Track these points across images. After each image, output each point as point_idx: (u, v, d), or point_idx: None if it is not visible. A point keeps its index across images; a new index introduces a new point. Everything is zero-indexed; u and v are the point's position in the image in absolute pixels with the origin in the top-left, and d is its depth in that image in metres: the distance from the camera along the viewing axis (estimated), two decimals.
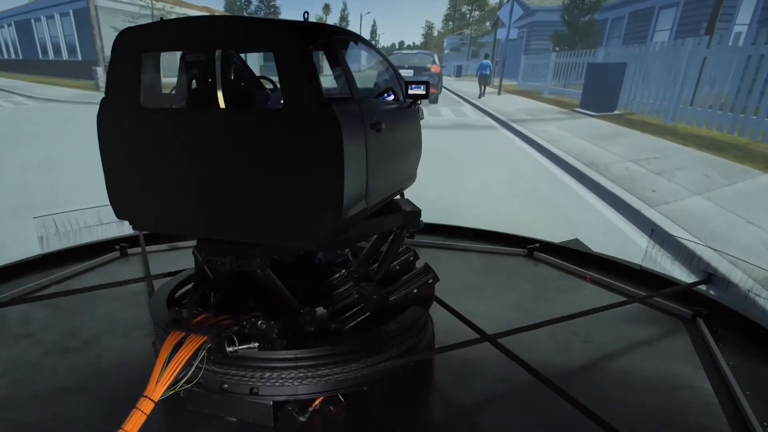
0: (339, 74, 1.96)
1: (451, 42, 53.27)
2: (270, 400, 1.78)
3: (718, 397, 1.99)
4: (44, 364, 2.19)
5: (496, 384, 2.06)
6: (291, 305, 1.91)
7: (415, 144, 2.47)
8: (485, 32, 46.22)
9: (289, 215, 1.68)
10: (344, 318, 2.00)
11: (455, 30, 55.70)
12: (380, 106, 2.17)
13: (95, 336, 2.43)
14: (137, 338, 2.40)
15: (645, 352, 2.37)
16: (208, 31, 1.76)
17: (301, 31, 1.67)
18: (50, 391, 2.00)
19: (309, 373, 1.80)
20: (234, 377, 1.79)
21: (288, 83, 1.64)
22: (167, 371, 1.57)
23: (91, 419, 1.85)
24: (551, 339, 2.39)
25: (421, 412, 1.95)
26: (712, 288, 2.99)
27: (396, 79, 2.36)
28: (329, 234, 1.68)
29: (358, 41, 2.23)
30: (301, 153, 1.61)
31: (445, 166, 9.37)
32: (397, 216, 2.18)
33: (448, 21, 57.87)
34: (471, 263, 3.48)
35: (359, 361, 1.86)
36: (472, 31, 49.68)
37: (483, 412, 1.92)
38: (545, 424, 1.85)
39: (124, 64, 1.77)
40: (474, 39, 48.01)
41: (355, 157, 1.68)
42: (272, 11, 33.72)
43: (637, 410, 1.92)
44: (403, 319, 2.05)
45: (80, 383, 2.05)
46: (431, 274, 2.19)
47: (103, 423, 1.81)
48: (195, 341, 1.64)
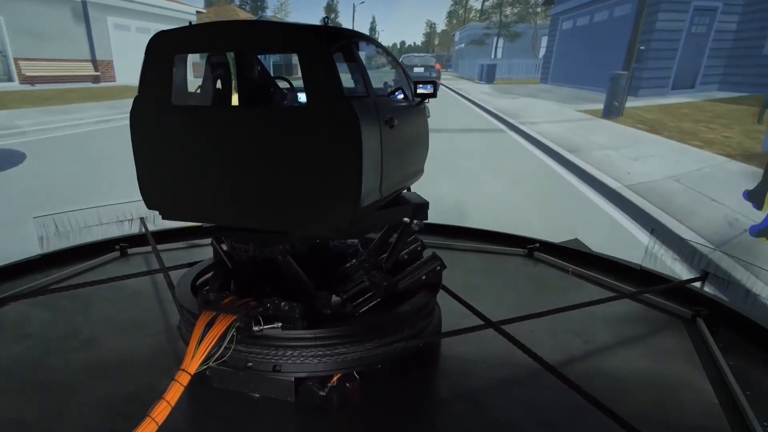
0: (356, 74, 2.12)
1: (469, 33, 36.79)
2: (292, 377, 1.91)
3: (718, 397, 1.99)
4: (44, 364, 2.19)
5: (499, 369, 2.16)
6: (308, 290, 2.05)
7: (423, 140, 2.59)
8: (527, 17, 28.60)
9: (312, 205, 1.82)
10: (356, 304, 2.15)
11: (465, 21, 49.75)
12: (392, 103, 2.30)
13: (95, 336, 2.43)
14: (137, 338, 2.40)
15: (645, 352, 2.37)
16: (236, 34, 1.90)
17: (323, 35, 1.81)
18: (50, 391, 2.00)
19: (328, 351, 1.93)
20: (258, 355, 1.92)
21: (312, 82, 1.77)
22: (201, 347, 1.71)
23: (91, 419, 1.85)
24: (551, 339, 2.39)
25: (427, 391, 2.11)
26: (709, 285, 3.00)
27: (405, 79, 2.46)
28: (348, 222, 1.81)
29: (371, 44, 2.41)
30: (323, 146, 1.74)
31: None
32: (406, 207, 2.31)
33: (453, 17, 53.49)
34: (471, 263, 3.48)
35: (373, 341, 1.99)
36: (510, 12, 29.99)
37: (486, 394, 2.04)
38: (545, 405, 1.93)
39: (156, 65, 1.89)
40: (507, 26, 29.83)
41: (371, 151, 1.80)
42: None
43: (637, 410, 1.92)
44: (413, 302, 2.18)
45: (80, 383, 2.06)
46: (438, 261, 2.31)
47: (103, 422, 1.82)
48: (225, 320, 1.78)
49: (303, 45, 1.78)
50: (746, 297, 2.83)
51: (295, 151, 1.76)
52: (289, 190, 1.80)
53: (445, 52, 45.23)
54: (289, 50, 1.96)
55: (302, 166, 1.76)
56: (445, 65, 40.48)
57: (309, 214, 1.83)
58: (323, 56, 1.74)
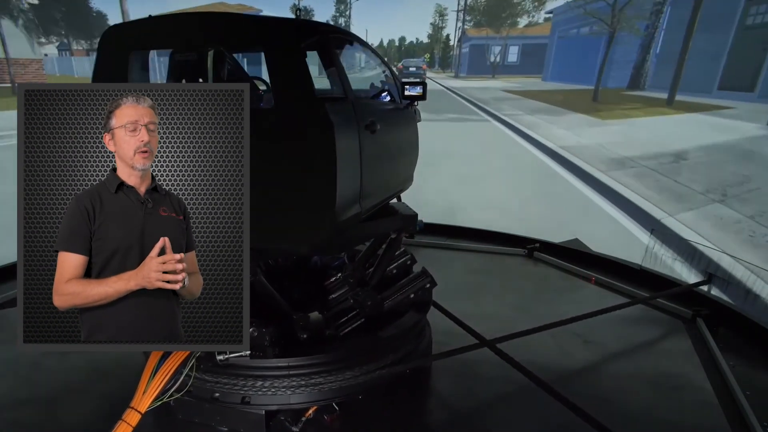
0: (333, 74, 1.94)
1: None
2: (262, 410, 1.74)
3: (718, 397, 1.98)
4: (44, 364, 2.19)
5: (496, 387, 2.04)
6: (284, 311, 1.87)
7: (411, 146, 2.43)
8: None
9: (282, 218, 1.64)
10: (339, 324, 1.97)
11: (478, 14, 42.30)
12: (376, 106, 2.13)
13: None
14: None
15: (645, 352, 2.37)
16: (197, 29, 1.72)
17: (293, 29, 1.64)
18: (50, 391, 2.00)
19: (302, 382, 1.76)
20: (225, 386, 1.76)
21: (279, 82, 1.61)
22: (154, 381, 1.52)
23: (90, 419, 1.85)
24: (552, 339, 2.38)
25: (418, 418, 1.92)
26: (714, 288, 2.99)
27: (393, 81, 2.32)
28: (323, 237, 1.65)
29: (354, 41, 2.19)
30: (293, 153, 1.58)
31: None
32: (393, 219, 2.13)
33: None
34: (471, 263, 3.48)
35: (354, 369, 1.82)
36: None
37: (483, 417, 1.90)
38: (545, 426, 1.85)
39: (109, 63, 1.72)
40: None
41: (348, 158, 1.65)
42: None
43: (638, 410, 1.92)
44: (399, 324, 2.01)
45: (80, 383, 2.05)
46: (429, 278, 2.14)
47: (102, 423, 1.82)
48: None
49: (270, 40, 1.61)
50: (746, 297, 2.83)
51: (264, 160, 1.51)
52: (257, 203, 1.55)
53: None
54: (256, 45, 1.76)
55: (272, 177, 1.56)
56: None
57: (280, 229, 1.65)
58: (293, 52, 1.57)
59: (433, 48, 59.27)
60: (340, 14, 48.79)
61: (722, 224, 6.33)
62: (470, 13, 43.89)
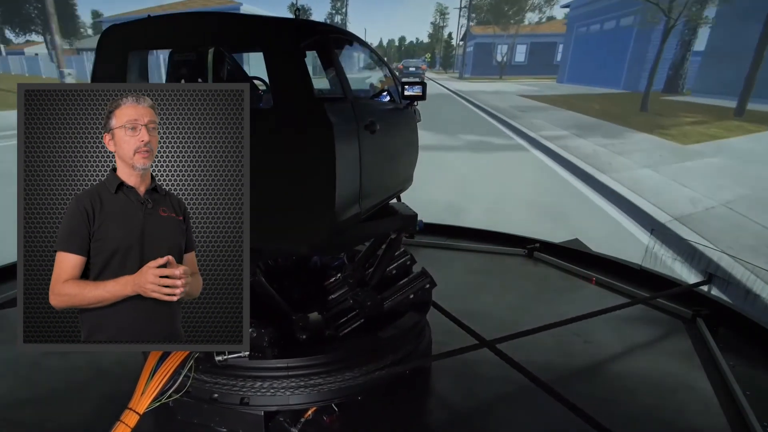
0: (332, 74, 1.94)
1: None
2: (261, 411, 1.75)
3: (718, 397, 1.98)
4: (44, 364, 2.19)
5: (496, 387, 2.04)
6: (283, 311, 1.88)
7: (411, 146, 2.43)
8: None
9: (282, 218, 1.64)
10: (338, 324, 1.97)
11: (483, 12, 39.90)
12: (375, 106, 2.13)
13: None
14: None
15: (645, 352, 2.37)
16: (196, 29, 1.72)
17: (292, 29, 1.64)
18: (50, 391, 2.00)
19: (301, 383, 1.76)
20: (224, 387, 1.76)
21: (278, 82, 1.61)
22: (153, 382, 1.51)
23: (90, 419, 1.85)
24: (552, 339, 2.38)
25: (418, 418, 1.92)
26: (714, 288, 2.99)
27: (392, 81, 2.33)
28: (323, 237, 1.66)
29: (354, 41, 2.19)
30: (292, 154, 1.59)
31: None
32: (393, 219, 2.14)
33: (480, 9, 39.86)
34: (471, 263, 3.48)
35: (353, 370, 1.82)
36: None
37: (483, 417, 1.91)
38: (545, 427, 1.85)
39: (108, 64, 1.73)
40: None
41: (347, 159, 1.65)
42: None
43: (638, 410, 1.92)
44: (399, 325, 2.01)
45: (80, 383, 2.05)
46: (428, 279, 2.14)
47: (102, 423, 1.81)
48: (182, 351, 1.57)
49: (269, 40, 1.61)
50: (746, 297, 2.83)
51: (263, 160, 1.53)
52: (256, 203, 1.57)
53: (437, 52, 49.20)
54: (255, 45, 1.76)
55: (270, 176, 1.57)
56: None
57: (279, 229, 1.66)
58: (292, 53, 1.58)
59: (434, 48, 59.17)
60: (336, 11, 48.07)
61: None
62: (475, 11, 42.16)
